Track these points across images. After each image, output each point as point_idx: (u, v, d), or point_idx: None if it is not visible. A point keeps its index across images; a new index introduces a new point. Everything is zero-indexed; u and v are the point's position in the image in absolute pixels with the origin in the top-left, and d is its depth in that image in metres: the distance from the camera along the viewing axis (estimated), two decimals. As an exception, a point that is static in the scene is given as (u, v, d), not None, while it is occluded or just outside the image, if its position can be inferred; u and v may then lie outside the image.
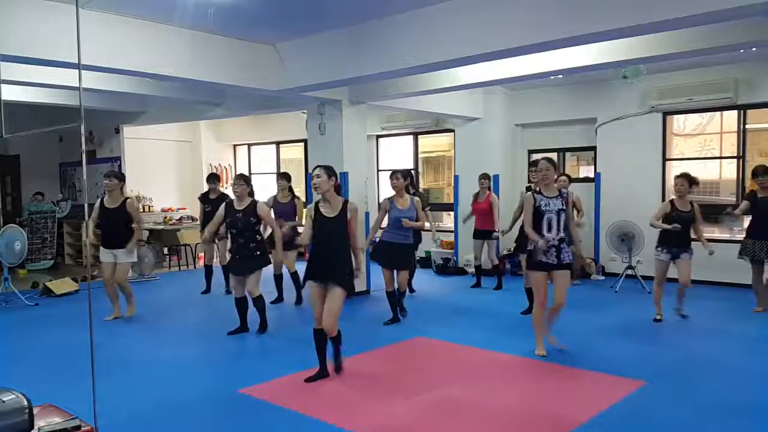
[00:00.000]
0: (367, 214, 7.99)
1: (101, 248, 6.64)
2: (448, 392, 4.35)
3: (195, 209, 12.08)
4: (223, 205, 5.99)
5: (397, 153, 11.42)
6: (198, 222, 9.18)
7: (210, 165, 12.60)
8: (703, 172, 8.65)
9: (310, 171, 8.35)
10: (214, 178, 8.39)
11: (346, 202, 4.53)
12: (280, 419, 3.92)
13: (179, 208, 11.82)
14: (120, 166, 10.73)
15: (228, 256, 8.12)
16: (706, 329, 5.95)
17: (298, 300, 7.48)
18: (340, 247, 4.45)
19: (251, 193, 5.99)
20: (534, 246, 4.95)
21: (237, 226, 5.80)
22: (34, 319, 6.99)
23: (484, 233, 8.19)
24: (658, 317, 6.20)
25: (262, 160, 12.96)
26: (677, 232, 6.02)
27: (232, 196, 6.24)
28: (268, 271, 7.16)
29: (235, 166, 13.19)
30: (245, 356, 5.43)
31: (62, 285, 8.41)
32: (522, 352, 5.26)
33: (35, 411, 2.09)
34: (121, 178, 6.75)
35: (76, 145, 10.89)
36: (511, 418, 3.88)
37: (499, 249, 9.41)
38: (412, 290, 7.92)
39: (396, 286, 6.41)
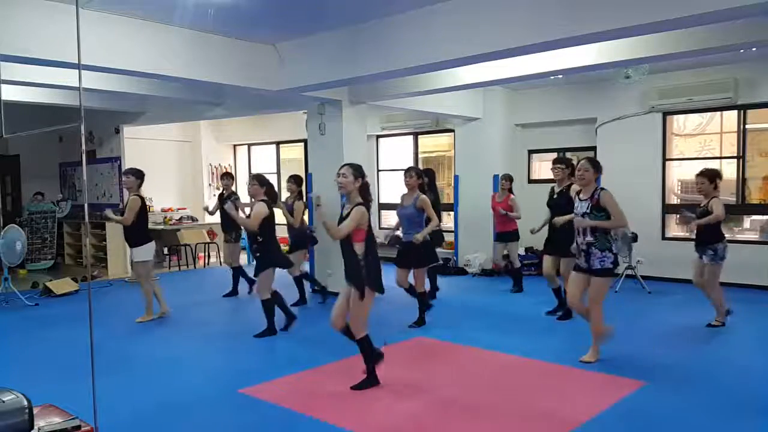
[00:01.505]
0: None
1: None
2: (448, 392, 4.35)
3: (196, 210, 12.14)
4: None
5: (397, 153, 11.42)
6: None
7: (210, 165, 12.61)
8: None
9: (310, 171, 8.41)
10: (225, 177, 8.39)
11: (356, 205, 4.24)
12: (280, 419, 3.92)
13: (179, 208, 11.82)
14: (120, 166, 10.73)
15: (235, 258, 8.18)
16: (706, 329, 5.95)
17: (302, 301, 7.41)
18: (346, 248, 4.30)
19: (269, 194, 5.88)
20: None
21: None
22: (34, 319, 6.99)
23: (504, 235, 8.08)
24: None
25: (262, 160, 12.96)
26: (698, 230, 5.86)
27: (241, 194, 6.25)
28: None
29: (235, 166, 13.20)
30: (245, 356, 5.43)
31: (62, 285, 8.42)
32: (522, 352, 5.26)
33: (35, 411, 2.09)
34: (137, 174, 6.57)
35: (76, 145, 10.89)
36: (511, 418, 3.88)
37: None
38: (434, 296, 7.57)
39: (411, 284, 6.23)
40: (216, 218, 12.21)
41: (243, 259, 8.99)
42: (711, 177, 5.83)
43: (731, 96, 7.88)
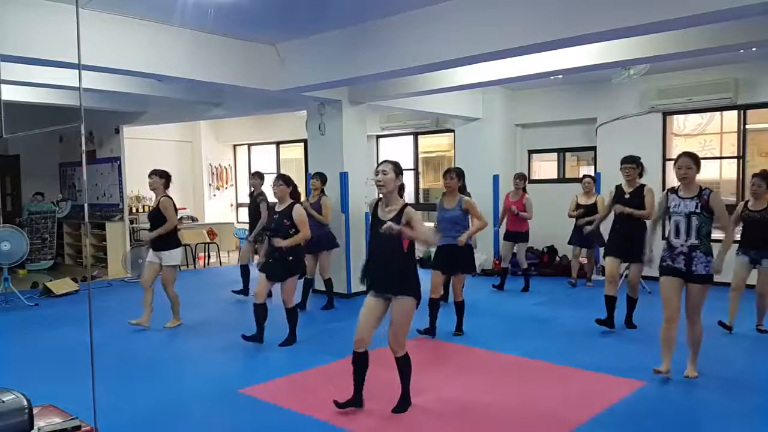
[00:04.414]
0: (366, 215, 7.99)
1: (150, 250, 6.49)
2: (449, 392, 4.35)
3: (196, 210, 12.14)
4: (268, 206, 5.77)
5: (398, 153, 11.42)
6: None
7: (210, 165, 12.61)
8: (703, 172, 8.62)
9: (310, 171, 8.41)
10: (254, 176, 8.18)
11: (405, 206, 3.85)
12: (280, 419, 3.92)
13: (179, 208, 11.78)
14: (120, 166, 10.74)
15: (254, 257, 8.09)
16: (706, 329, 5.93)
17: (302, 305, 7.12)
18: (396, 252, 3.82)
19: (294, 195, 5.68)
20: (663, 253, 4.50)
21: (271, 228, 5.61)
22: (34, 319, 6.99)
23: (514, 235, 8.09)
24: (727, 324, 5.85)
25: (262, 160, 12.97)
26: (751, 234, 5.68)
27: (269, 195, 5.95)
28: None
29: (235, 166, 13.21)
30: (245, 356, 5.43)
31: (62, 285, 8.41)
32: (522, 352, 5.26)
33: (35, 411, 2.09)
34: (162, 175, 6.44)
35: (76, 145, 10.89)
36: (511, 418, 3.88)
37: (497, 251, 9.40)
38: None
39: (441, 293, 5.98)
40: (215, 218, 12.36)
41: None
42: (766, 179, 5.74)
43: (731, 96, 7.89)
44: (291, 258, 5.49)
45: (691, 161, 4.41)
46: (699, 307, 4.43)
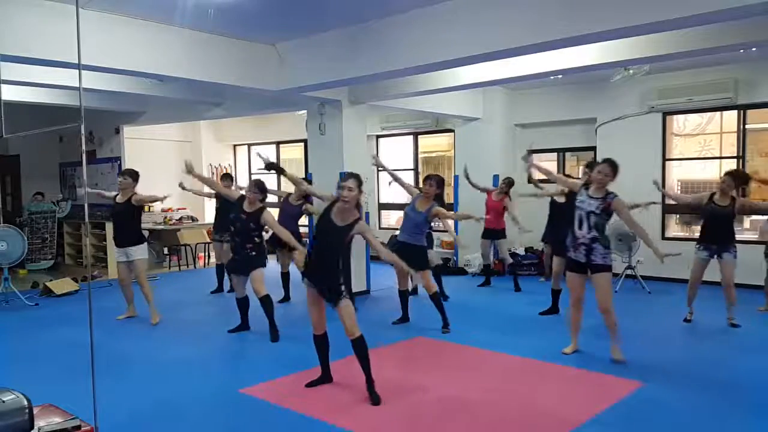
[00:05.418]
0: (367, 215, 7.98)
1: (115, 248, 6.59)
2: (448, 392, 4.35)
3: (196, 209, 12.10)
4: (240, 196, 5.92)
5: (397, 153, 11.42)
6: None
7: (210, 165, 12.60)
8: (703, 172, 8.66)
9: (310, 171, 8.41)
10: (227, 178, 8.40)
11: (358, 219, 4.24)
12: (280, 419, 3.92)
13: (179, 208, 11.81)
14: (120, 166, 10.72)
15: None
16: (706, 329, 5.95)
17: (286, 297, 7.57)
18: (335, 257, 4.25)
19: (263, 200, 5.88)
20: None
21: (236, 226, 5.81)
22: (34, 319, 6.99)
23: (492, 233, 8.16)
24: (688, 317, 6.15)
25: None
26: (714, 228, 5.80)
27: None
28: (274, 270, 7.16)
29: (235, 166, 13.19)
30: (245, 356, 5.43)
31: (62, 285, 8.41)
32: (522, 352, 5.26)
33: (35, 411, 2.09)
34: (135, 176, 6.54)
35: (76, 145, 10.88)
36: (511, 418, 3.88)
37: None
38: (445, 297, 7.31)
39: (409, 286, 6.34)
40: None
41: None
42: (738, 179, 5.82)
43: (731, 96, 7.88)
44: (254, 254, 5.81)
45: (610, 170, 4.76)
46: (606, 297, 4.86)
